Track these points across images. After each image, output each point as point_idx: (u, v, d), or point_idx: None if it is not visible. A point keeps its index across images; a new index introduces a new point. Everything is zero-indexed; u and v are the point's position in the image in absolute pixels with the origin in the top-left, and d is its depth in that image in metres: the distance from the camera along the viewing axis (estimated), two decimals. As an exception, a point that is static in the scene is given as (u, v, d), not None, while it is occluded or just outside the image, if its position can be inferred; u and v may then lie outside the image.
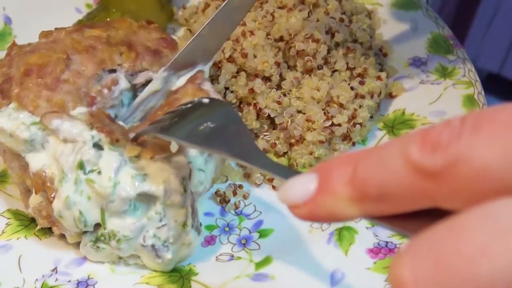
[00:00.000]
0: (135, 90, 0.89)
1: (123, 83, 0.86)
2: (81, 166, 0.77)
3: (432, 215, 0.46)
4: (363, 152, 0.49)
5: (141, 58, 0.88)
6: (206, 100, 0.80)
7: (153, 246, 0.80)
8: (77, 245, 0.83)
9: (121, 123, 0.85)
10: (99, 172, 0.77)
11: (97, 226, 0.80)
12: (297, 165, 0.94)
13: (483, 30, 1.77)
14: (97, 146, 0.78)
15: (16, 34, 1.08)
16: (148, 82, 0.88)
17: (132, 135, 0.82)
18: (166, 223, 0.79)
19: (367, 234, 0.85)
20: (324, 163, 0.51)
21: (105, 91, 0.85)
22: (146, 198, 0.79)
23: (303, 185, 0.50)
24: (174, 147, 0.80)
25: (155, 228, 0.79)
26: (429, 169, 0.43)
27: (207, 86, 0.90)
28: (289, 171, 0.63)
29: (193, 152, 0.81)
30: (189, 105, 0.80)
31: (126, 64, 0.87)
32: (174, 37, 0.97)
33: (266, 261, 0.84)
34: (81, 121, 0.79)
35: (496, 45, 1.81)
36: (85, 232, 0.81)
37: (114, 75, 0.86)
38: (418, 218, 0.47)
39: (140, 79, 0.88)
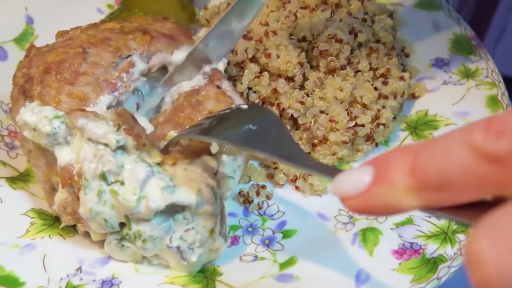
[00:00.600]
0: (151, 77, 0.89)
1: (140, 65, 0.86)
2: (103, 177, 0.77)
3: (477, 208, 0.46)
4: (423, 143, 0.48)
5: (156, 40, 0.88)
6: (244, 106, 0.80)
7: (178, 248, 0.79)
8: (101, 244, 0.83)
9: (142, 119, 0.85)
10: (122, 183, 0.77)
11: (123, 224, 0.79)
12: None
13: (500, 33, 1.77)
14: (122, 148, 0.78)
15: (38, 34, 1.08)
16: (164, 67, 0.88)
17: (163, 143, 0.82)
18: (194, 227, 0.79)
19: (392, 235, 0.85)
20: (379, 156, 0.51)
21: (124, 75, 0.85)
22: (175, 206, 0.78)
23: (358, 177, 0.50)
24: (214, 148, 0.80)
25: (182, 231, 0.79)
26: (494, 154, 0.43)
27: (225, 85, 0.91)
28: (338, 171, 0.61)
29: (225, 159, 0.81)
30: (227, 110, 0.80)
31: (142, 47, 0.87)
32: (194, 37, 0.97)
33: (290, 261, 0.84)
34: (107, 122, 0.79)
35: (510, 49, 1.80)
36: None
37: (129, 59, 0.86)
38: (468, 209, 0.47)
39: (155, 60, 0.88)
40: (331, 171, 0.61)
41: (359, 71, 0.98)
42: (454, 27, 1.10)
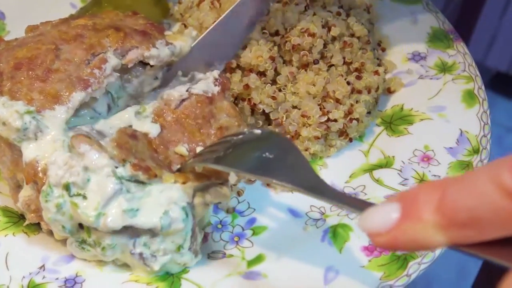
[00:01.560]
0: (126, 71, 0.88)
1: (113, 61, 0.85)
2: (67, 187, 0.76)
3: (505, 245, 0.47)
4: (449, 180, 0.49)
5: (130, 37, 0.87)
6: (258, 131, 0.78)
7: (141, 254, 0.78)
8: (66, 242, 0.81)
9: (146, 120, 0.85)
10: (85, 197, 0.76)
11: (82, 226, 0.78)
12: None
13: (492, 28, 1.76)
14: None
15: (9, 29, 1.07)
16: (142, 62, 0.87)
17: (176, 166, 0.81)
18: (161, 238, 0.78)
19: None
20: (406, 192, 0.51)
21: (96, 71, 0.83)
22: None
23: (386, 214, 0.50)
24: (233, 178, 0.80)
25: (148, 237, 0.78)
26: None
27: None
28: (361, 202, 0.62)
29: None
30: (240, 136, 0.78)
31: (116, 44, 0.86)
32: (169, 32, 0.95)
33: (258, 259, 0.83)
34: (110, 157, 0.77)
35: (505, 44, 1.79)
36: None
37: (101, 55, 0.85)
38: (497, 246, 0.48)
39: (132, 55, 0.86)
40: (354, 203, 0.61)
41: (333, 65, 0.97)
42: (432, 20, 1.09)
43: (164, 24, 1.08)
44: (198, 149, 0.82)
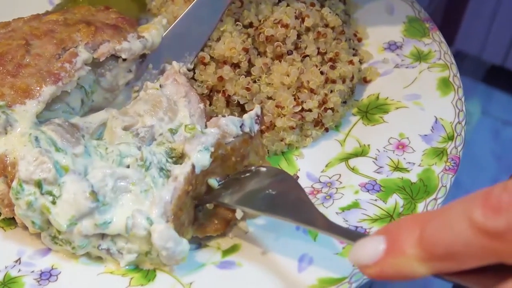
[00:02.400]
0: (99, 65, 0.88)
1: (84, 54, 0.85)
2: (38, 184, 0.76)
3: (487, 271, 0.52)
4: (428, 214, 0.54)
5: (101, 31, 0.87)
6: (263, 169, 0.83)
7: (108, 250, 0.79)
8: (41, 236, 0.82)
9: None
10: (55, 201, 0.76)
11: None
12: (268, 152, 0.94)
13: (486, 21, 1.76)
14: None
15: None
16: (114, 56, 0.87)
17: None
18: (127, 238, 0.78)
19: (337, 219, 0.84)
20: (390, 225, 0.57)
21: (67, 65, 0.84)
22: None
23: (372, 247, 0.56)
24: (239, 214, 0.83)
25: (114, 235, 0.78)
26: (493, 231, 0.49)
27: (181, 79, 0.90)
28: (356, 234, 0.68)
29: None
30: (247, 174, 0.83)
31: (86, 38, 0.86)
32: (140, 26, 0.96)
33: (233, 248, 0.83)
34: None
35: (499, 37, 1.79)
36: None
37: (72, 49, 0.85)
38: (478, 273, 0.52)
39: (103, 49, 0.86)
40: (351, 235, 0.67)
41: (307, 56, 0.97)
42: (408, 9, 1.09)
43: (142, 20, 1.08)
44: None
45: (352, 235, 0.67)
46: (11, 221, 0.84)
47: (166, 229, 0.74)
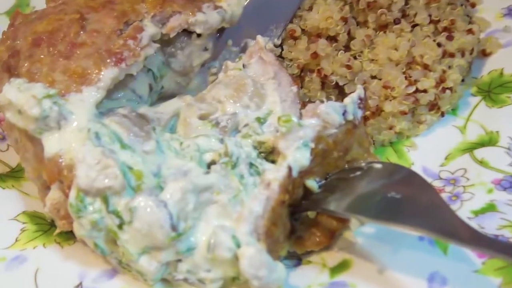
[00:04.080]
0: (168, 43, 0.77)
1: (150, 29, 0.73)
2: (104, 199, 0.64)
3: None
4: None
5: (171, 1, 0.76)
6: (378, 165, 0.70)
7: (185, 280, 0.66)
8: (106, 253, 0.69)
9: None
10: (120, 227, 0.64)
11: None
12: (374, 143, 0.82)
13: None
14: None
15: (34, 5, 0.97)
16: (186, 31, 0.76)
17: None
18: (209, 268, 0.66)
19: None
20: None
21: (130, 42, 0.72)
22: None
23: None
24: (354, 226, 0.70)
25: (190, 265, 0.66)
26: None
27: (269, 57, 0.79)
28: None
29: None
30: (358, 172, 0.70)
31: (153, 10, 0.75)
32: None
33: (343, 265, 0.70)
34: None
35: None
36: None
37: (136, 23, 0.73)
38: None
39: (174, 22, 0.75)
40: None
41: (417, 25, 0.85)
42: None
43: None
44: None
45: None
46: (68, 235, 0.72)
47: (258, 254, 0.62)
